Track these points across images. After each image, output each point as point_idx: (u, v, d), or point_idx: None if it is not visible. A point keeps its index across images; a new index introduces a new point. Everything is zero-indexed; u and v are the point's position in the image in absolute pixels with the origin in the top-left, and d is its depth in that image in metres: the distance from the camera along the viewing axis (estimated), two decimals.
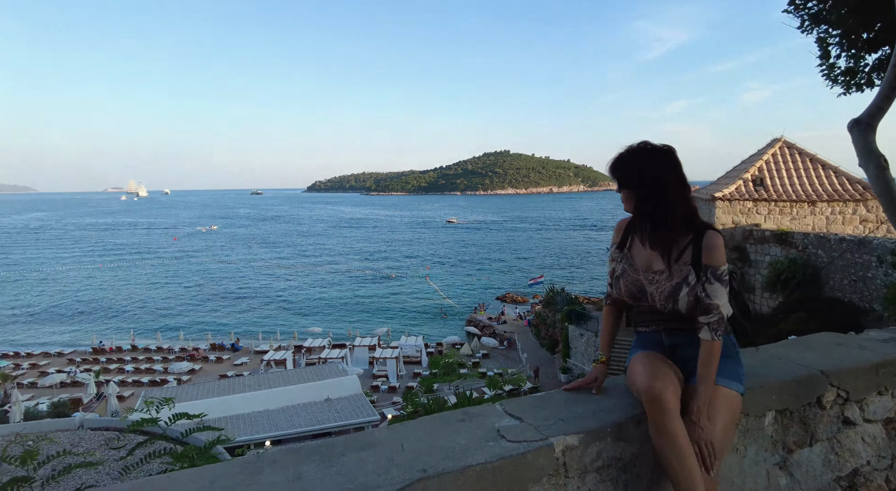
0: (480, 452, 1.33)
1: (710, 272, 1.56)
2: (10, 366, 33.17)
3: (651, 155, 1.59)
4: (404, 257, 78.78)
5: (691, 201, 1.63)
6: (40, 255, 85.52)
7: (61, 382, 30.52)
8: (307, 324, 41.82)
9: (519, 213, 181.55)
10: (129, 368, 33.00)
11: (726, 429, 1.54)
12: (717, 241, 1.57)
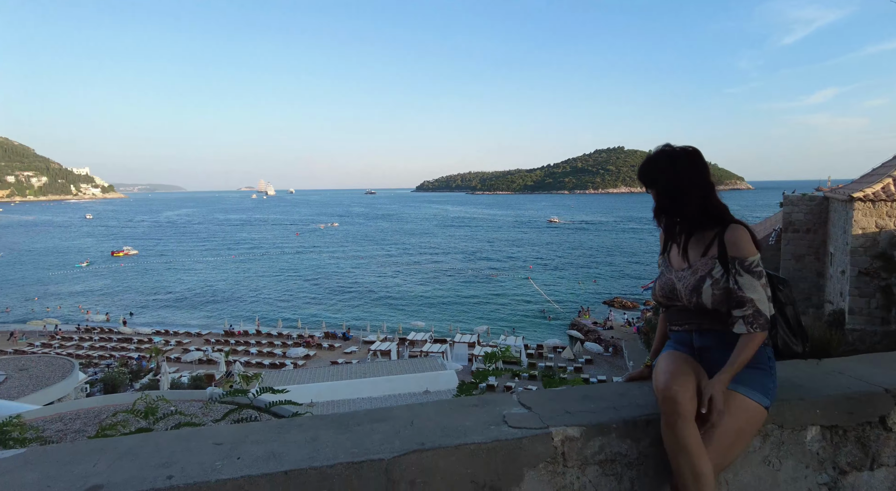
0: (479, 433, 1.42)
1: (737, 263, 1.53)
2: (162, 342, 38.16)
3: (669, 157, 1.62)
4: (506, 257, 78.59)
5: (715, 200, 1.62)
6: (186, 246, 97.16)
7: (199, 359, 34.51)
8: (411, 318, 43.34)
9: (631, 213, 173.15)
10: (253, 351, 36.45)
11: (738, 436, 1.49)
12: (740, 233, 1.55)
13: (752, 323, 1.51)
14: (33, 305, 49.60)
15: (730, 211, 1.65)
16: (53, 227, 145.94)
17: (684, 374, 1.51)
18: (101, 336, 39.75)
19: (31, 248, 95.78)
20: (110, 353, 35.84)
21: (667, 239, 1.72)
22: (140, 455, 1.31)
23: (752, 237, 1.57)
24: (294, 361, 33.83)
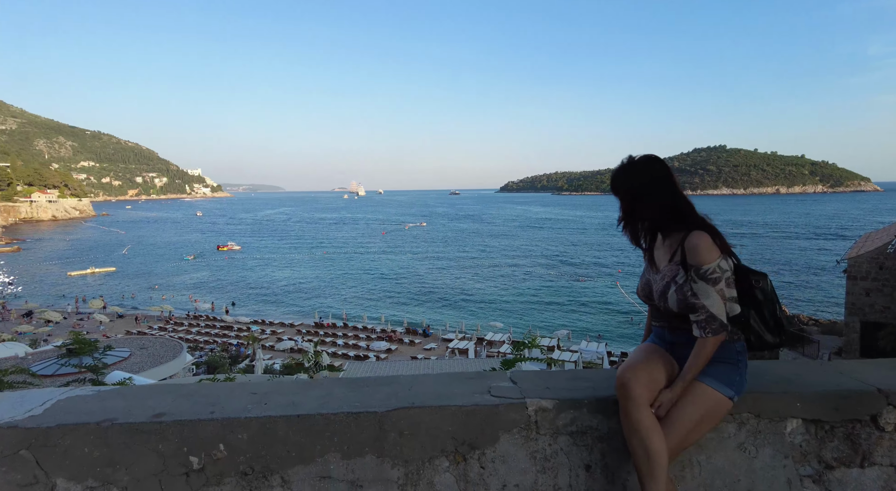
0: (463, 398, 1.67)
1: (693, 271, 1.62)
2: (258, 331, 41.23)
3: (627, 166, 1.73)
4: (592, 261, 76.49)
5: (679, 205, 1.71)
6: (282, 243, 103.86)
7: (290, 348, 36.92)
8: (490, 318, 43.54)
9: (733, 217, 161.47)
10: (339, 343, 38.39)
11: (698, 423, 1.61)
12: (698, 241, 1.62)
13: (704, 328, 1.60)
14: (153, 293, 55.46)
15: (696, 214, 1.72)
16: (170, 222, 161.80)
17: (643, 363, 1.65)
18: (207, 323, 43.65)
19: (153, 241, 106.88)
20: (213, 338, 39.30)
21: (634, 244, 1.82)
22: (194, 396, 1.69)
23: (716, 241, 1.63)
24: (377, 354, 35.25)
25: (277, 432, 1.54)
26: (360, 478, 1.58)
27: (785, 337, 1.73)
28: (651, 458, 1.53)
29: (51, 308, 45.48)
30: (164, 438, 1.50)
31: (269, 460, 1.55)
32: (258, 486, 1.55)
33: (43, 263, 75.62)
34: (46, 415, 1.54)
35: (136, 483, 1.50)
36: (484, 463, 1.63)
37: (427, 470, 1.61)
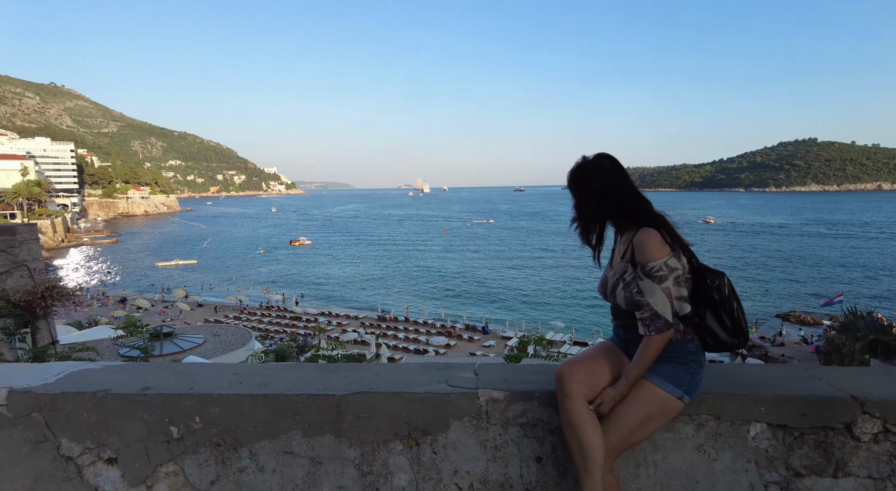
0: (419, 386, 1.76)
1: (639, 269, 1.61)
2: (325, 322, 42.91)
3: (579, 166, 1.73)
4: None
5: (629, 201, 1.69)
6: (350, 239, 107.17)
7: (354, 339, 38.15)
8: (550, 318, 42.94)
9: (822, 215, 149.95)
10: (401, 336, 39.23)
11: (644, 422, 1.60)
12: (646, 238, 1.60)
13: (648, 325, 1.59)
14: (230, 284, 59.00)
15: (652, 208, 1.71)
16: (247, 218, 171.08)
17: (584, 359, 1.67)
18: (278, 313, 45.91)
19: (231, 235, 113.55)
20: (283, 328, 41.27)
21: (583, 242, 1.81)
22: (181, 373, 1.89)
23: (667, 239, 1.61)
24: (436, 348, 35.72)
25: (246, 409, 1.70)
26: (319, 455, 1.72)
27: (744, 339, 1.68)
28: (584, 452, 1.56)
29: (141, 296, 49.53)
30: (149, 409, 1.70)
31: (239, 434, 1.71)
32: (229, 457, 1.72)
33: (136, 254, 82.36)
34: (57, 383, 1.78)
35: (126, 447, 1.71)
36: (436, 448, 1.72)
37: (382, 452, 1.72)
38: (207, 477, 1.72)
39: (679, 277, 1.63)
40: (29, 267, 5.81)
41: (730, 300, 1.68)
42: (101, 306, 45.77)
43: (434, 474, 1.72)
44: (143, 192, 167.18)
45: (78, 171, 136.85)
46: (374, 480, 1.72)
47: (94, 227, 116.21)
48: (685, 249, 1.69)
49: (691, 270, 1.69)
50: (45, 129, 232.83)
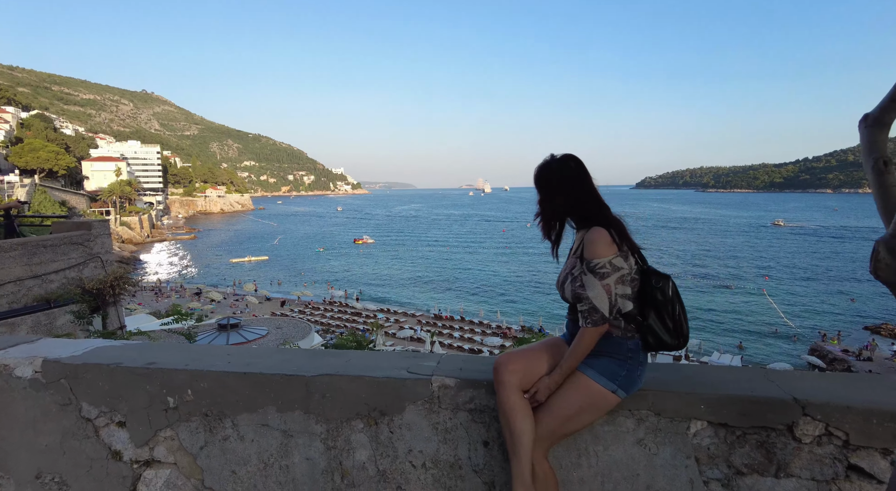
0: (380, 372, 1.93)
1: (585, 265, 1.71)
2: (383, 318, 44.00)
3: (546, 163, 1.83)
4: (734, 264, 69.67)
5: (587, 201, 1.79)
6: (411, 237, 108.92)
7: (410, 336, 38.90)
8: None
9: None
10: (456, 335, 39.57)
11: (577, 412, 1.69)
12: (595, 236, 1.69)
13: (586, 318, 1.68)
14: (297, 279, 61.68)
15: (609, 211, 1.79)
16: (315, 217, 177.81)
17: (523, 350, 1.79)
18: (339, 309, 47.51)
19: (300, 233, 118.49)
20: (344, 323, 42.69)
21: (544, 237, 1.90)
22: (183, 352, 2.17)
23: (616, 238, 1.69)
24: (490, 349, 35.77)
25: (230, 384, 1.95)
26: (291, 429, 1.93)
27: (683, 339, 1.74)
28: (514, 437, 1.67)
29: (214, 289, 52.72)
30: (150, 381, 1.98)
31: (224, 406, 1.96)
32: (215, 426, 1.97)
33: (211, 249, 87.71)
34: (83, 356, 2.10)
35: (132, 413, 2.00)
36: (392, 428, 1.89)
37: (345, 429, 1.91)
38: (197, 443, 1.98)
39: (624, 277, 1.71)
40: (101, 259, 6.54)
41: (672, 302, 1.75)
42: (179, 298, 49.13)
43: (391, 452, 1.90)
44: (220, 191, 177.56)
45: (163, 171, 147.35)
46: (337, 453, 1.92)
47: (176, 223, 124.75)
48: (634, 251, 1.77)
49: (639, 271, 1.77)
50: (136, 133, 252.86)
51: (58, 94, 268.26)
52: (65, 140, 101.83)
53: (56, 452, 2.03)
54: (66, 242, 6.11)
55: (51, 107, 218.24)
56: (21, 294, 5.64)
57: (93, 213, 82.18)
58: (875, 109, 1.58)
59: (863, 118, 1.61)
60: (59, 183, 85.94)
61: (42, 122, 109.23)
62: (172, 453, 1.99)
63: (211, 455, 1.98)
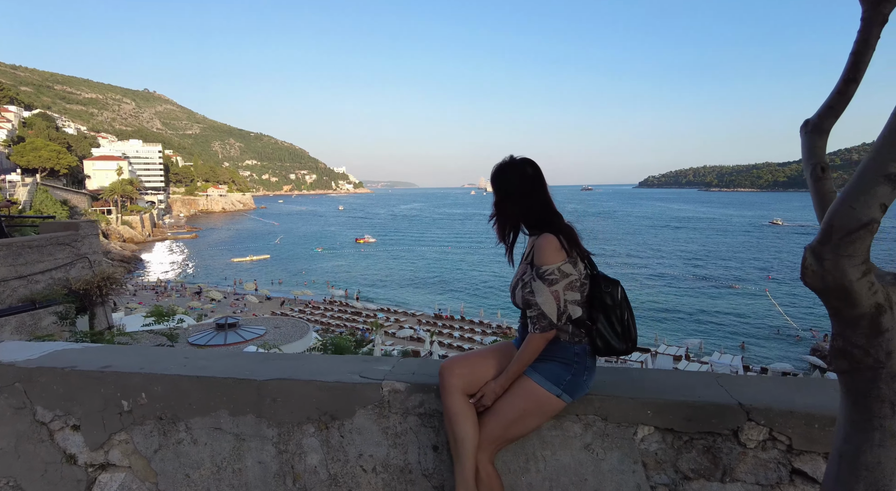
0: (331, 375, 1.94)
1: (534, 271, 1.71)
2: (384, 317, 44.05)
3: (502, 165, 1.82)
4: (736, 264, 69.60)
5: (539, 207, 1.79)
6: (411, 237, 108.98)
7: (410, 336, 38.92)
8: None
9: None
10: (456, 335, 39.58)
11: (522, 416, 1.69)
12: (544, 243, 1.69)
13: (534, 324, 1.68)
14: (298, 278, 61.77)
15: (561, 220, 1.78)
16: (317, 216, 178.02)
17: (468, 355, 1.79)
18: (340, 308, 47.55)
19: (301, 232, 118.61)
20: (344, 323, 42.72)
21: (499, 240, 1.89)
22: (141, 355, 2.17)
23: (566, 246, 1.68)
24: None
25: (183, 388, 1.95)
26: (243, 432, 1.94)
27: (632, 344, 1.74)
28: (457, 442, 1.68)
29: (215, 288, 52.83)
30: (105, 384, 1.99)
31: (177, 410, 1.96)
32: (169, 429, 1.98)
33: (213, 248, 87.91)
34: (38, 359, 2.11)
35: (87, 416, 2.00)
36: (343, 433, 1.89)
37: (297, 433, 1.91)
38: (152, 446, 1.98)
39: (573, 283, 1.71)
40: (89, 259, 6.58)
41: (621, 307, 1.75)
42: (179, 297, 49.25)
43: (342, 456, 1.90)
44: (221, 191, 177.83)
45: (164, 170, 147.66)
46: (289, 457, 1.92)
47: (177, 222, 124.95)
48: (584, 258, 1.77)
49: (589, 277, 1.77)
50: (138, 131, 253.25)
51: (60, 94, 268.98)
52: (67, 139, 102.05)
53: (10, 456, 2.04)
54: (53, 243, 6.15)
55: (53, 106, 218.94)
56: (6, 295, 5.68)
57: (94, 213, 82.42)
58: (814, 116, 1.57)
59: (803, 124, 1.61)
60: (61, 182, 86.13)
61: (44, 121, 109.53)
62: (127, 457, 2.00)
63: (165, 459, 1.98)
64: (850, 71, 1.51)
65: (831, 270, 1.24)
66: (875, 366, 1.28)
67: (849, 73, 1.52)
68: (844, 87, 1.51)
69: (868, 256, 1.23)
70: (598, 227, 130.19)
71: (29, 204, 63.94)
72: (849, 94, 1.53)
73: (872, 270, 1.27)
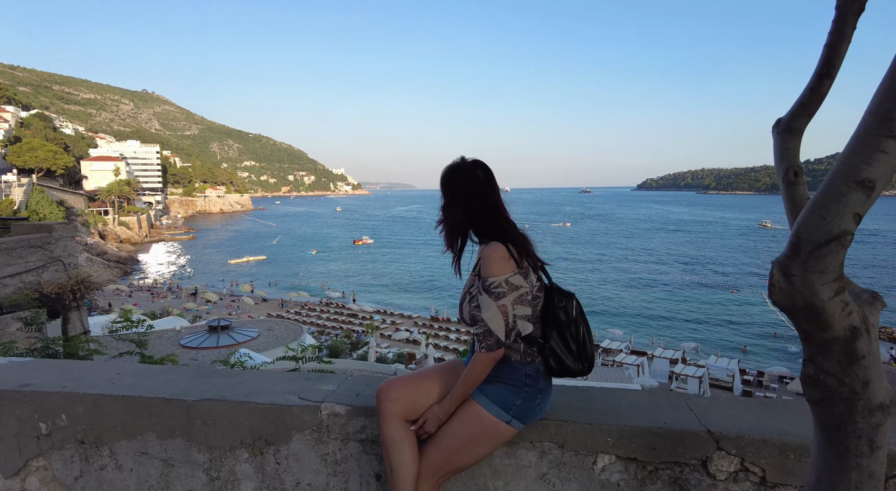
0: (266, 396, 1.77)
1: (480, 283, 1.55)
2: (380, 320, 43.84)
3: (452, 169, 1.66)
4: (732, 267, 69.55)
5: (489, 212, 1.63)
6: (409, 238, 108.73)
7: (406, 338, 38.72)
8: (609, 325, 41.65)
9: None
10: (452, 337, 39.40)
11: (468, 443, 1.53)
12: (490, 252, 1.53)
13: (480, 342, 1.52)
14: (296, 279, 61.52)
15: (512, 228, 1.63)
16: (315, 217, 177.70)
17: (407, 378, 1.62)
18: (336, 310, 47.33)
19: (299, 233, 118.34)
20: (340, 325, 42.50)
21: (447, 247, 1.73)
22: (63, 372, 2.01)
23: (514, 253, 1.53)
24: None
25: (107, 409, 1.79)
26: (172, 457, 1.77)
27: (588, 364, 1.59)
28: (393, 472, 1.52)
29: (211, 289, 52.57)
30: (21, 405, 1.82)
31: (101, 433, 1.80)
32: (92, 454, 1.81)
33: (210, 249, 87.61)
34: None
35: (1, 440, 1.84)
36: (279, 459, 1.73)
37: (229, 459, 1.75)
38: (72, 473, 1.82)
39: (523, 296, 1.55)
40: (64, 262, 6.40)
41: (576, 322, 1.60)
42: (175, 298, 48.99)
43: (278, 484, 1.74)
44: (220, 191, 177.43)
45: (162, 171, 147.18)
46: (221, 485, 1.76)
47: (175, 223, 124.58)
48: (537, 268, 1.61)
49: (542, 289, 1.62)
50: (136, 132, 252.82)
51: (58, 94, 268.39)
52: (64, 139, 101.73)
53: None
54: (24, 245, 5.96)
55: (51, 106, 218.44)
56: None
57: (91, 213, 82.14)
58: (786, 115, 1.42)
59: (775, 124, 1.46)
60: (58, 183, 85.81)
61: (41, 121, 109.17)
62: (45, 485, 1.83)
63: (87, 486, 1.82)
64: (824, 65, 1.35)
65: (800, 287, 1.08)
66: (850, 397, 1.13)
67: (822, 67, 1.36)
68: (818, 83, 1.36)
69: (841, 272, 1.08)
70: (595, 228, 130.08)
71: (25, 204, 63.64)
72: (822, 90, 1.37)
73: (846, 288, 1.11)
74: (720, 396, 1.47)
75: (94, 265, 60.33)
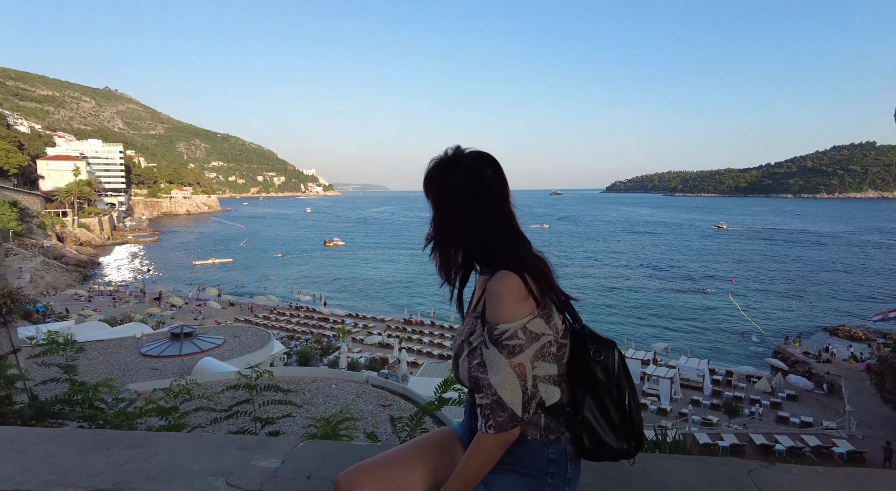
0: (186, 480, 1.28)
1: (487, 332, 1.08)
2: (352, 323, 42.94)
3: (445, 161, 1.19)
4: (700, 268, 70.96)
5: (500, 226, 1.17)
6: (381, 240, 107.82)
7: (378, 342, 37.98)
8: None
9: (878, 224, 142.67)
10: (426, 340, 38.85)
11: None
12: (500, 288, 1.07)
13: (486, 417, 1.06)
14: (265, 283, 59.95)
15: (527, 248, 1.17)
16: (283, 218, 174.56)
17: (375, 463, 1.15)
18: (306, 314, 46.21)
19: (267, 235, 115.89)
20: (310, 329, 41.44)
21: (441, 275, 1.26)
22: None
23: (534, 287, 1.07)
24: None
25: None
26: None
27: (637, 442, 1.13)
28: None
29: (176, 294, 50.75)
30: None
31: None
32: None
33: (175, 252, 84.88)
34: None
35: None
36: None
37: None
38: None
39: (546, 348, 1.09)
40: None
41: (618, 382, 1.13)
42: (138, 303, 47.12)
43: None
44: (186, 192, 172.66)
45: (126, 171, 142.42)
46: None
47: (139, 225, 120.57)
48: (564, 306, 1.15)
49: (567, 334, 1.15)
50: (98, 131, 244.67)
51: (12, 90, 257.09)
52: (18, 137, 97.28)
53: None
54: None
55: (4, 103, 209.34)
56: None
57: (48, 215, 78.67)
58: None
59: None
60: (11, 182, 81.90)
61: None
62: None
63: None
64: None
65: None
66: None
67: None
68: None
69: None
70: (565, 230, 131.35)
71: None
72: None
73: None
74: (789, 465, 1.12)
75: (51, 269, 57.69)
